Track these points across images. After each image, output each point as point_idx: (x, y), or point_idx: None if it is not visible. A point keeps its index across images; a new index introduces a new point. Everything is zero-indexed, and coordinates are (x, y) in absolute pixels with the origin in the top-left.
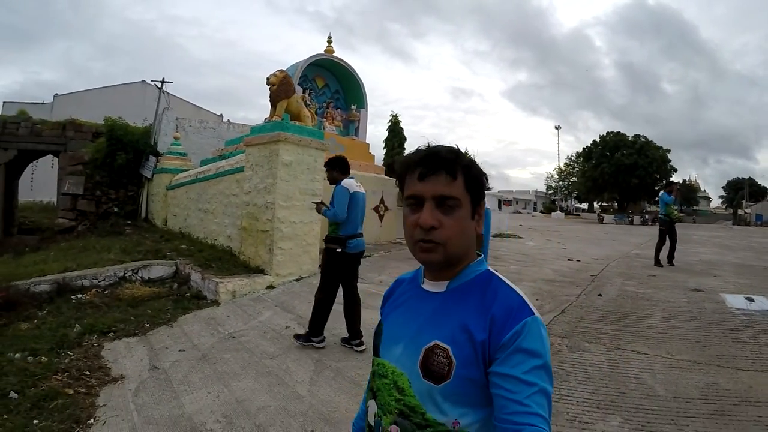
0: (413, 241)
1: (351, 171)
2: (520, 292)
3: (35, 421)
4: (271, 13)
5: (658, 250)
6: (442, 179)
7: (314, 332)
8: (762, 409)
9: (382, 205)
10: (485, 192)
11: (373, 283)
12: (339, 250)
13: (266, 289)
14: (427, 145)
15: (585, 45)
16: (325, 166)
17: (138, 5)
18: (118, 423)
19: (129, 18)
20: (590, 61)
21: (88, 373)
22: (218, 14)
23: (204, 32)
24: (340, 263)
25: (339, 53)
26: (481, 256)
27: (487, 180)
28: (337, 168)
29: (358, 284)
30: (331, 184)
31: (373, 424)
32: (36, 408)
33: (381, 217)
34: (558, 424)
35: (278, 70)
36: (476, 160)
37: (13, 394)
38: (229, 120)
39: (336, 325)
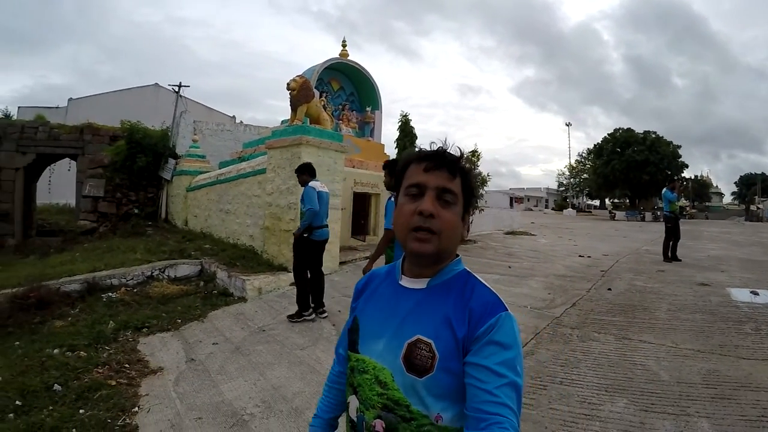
0: (409, 228)
1: (368, 171)
2: (494, 291)
3: (81, 411)
4: (274, 14)
5: (666, 246)
6: (444, 174)
7: (303, 308)
8: (760, 393)
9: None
10: (476, 201)
11: None
12: (306, 235)
13: (290, 285)
14: (430, 147)
15: (592, 39)
16: (296, 172)
17: (144, 8)
18: (163, 410)
19: (135, 20)
20: (598, 56)
21: (127, 366)
22: (224, 15)
23: (210, 33)
24: (307, 248)
25: (342, 51)
26: (459, 256)
27: (477, 188)
28: (306, 172)
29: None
30: (301, 186)
31: (355, 419)
32: (81, 399)
33: None
34: (569, 405)
35: (298, 76)
36: (486, 157)
37: (57, 387)
38: (242, 121)
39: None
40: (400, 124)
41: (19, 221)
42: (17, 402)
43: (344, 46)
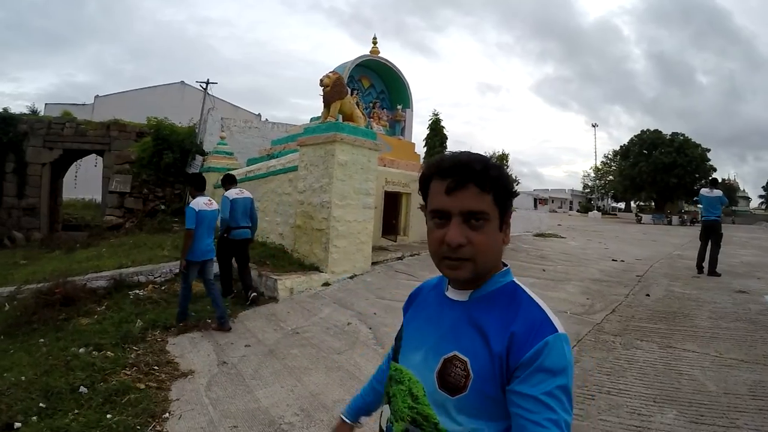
0: (439, 257)
1: (399, 170)
2: (544, 307)
3: (108, 416)
4: (288, 12)
5: (715, 258)
6: (470, 193)
7: (227, 293)
8: None
9: None
10: (512, 199)
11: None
12: (225, 235)
13: (322, 286)
14: (450, 152)
15: (612, 35)
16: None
17: (168, 7)
18: (195, 417)
19: (160, 20)
20: (619, 52)
21: (156, 368)
22: (247, 15)
23: (233, 33)
24: (227, 245)
25: (358, 50)
26: (506, 266)
27: (513, 187)
28: (228, 183)
29: (408, 281)
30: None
31: (384, 429)
32: (108, 402)
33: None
34: (620, 416)
35: (331, 72)
36: (508, 159)
37: (82, 389)
38: (267, 119)
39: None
40: (430, 122)
41: (45, 215)
42: (41, 404)
43: (375, 43)
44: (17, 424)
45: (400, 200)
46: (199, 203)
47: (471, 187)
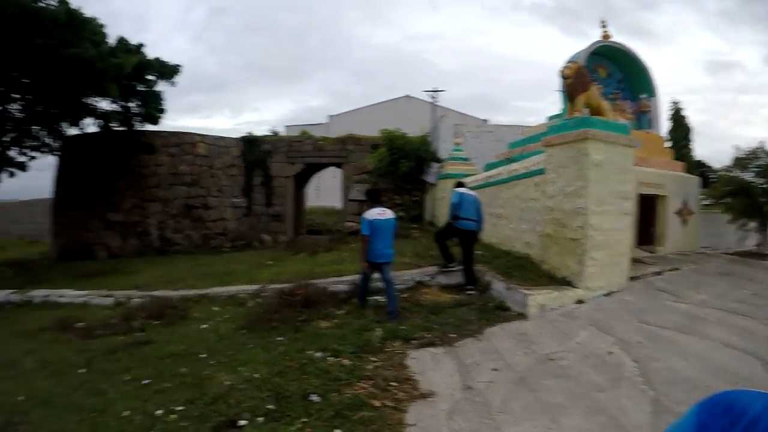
0: None
1: (651, 169)
2: None
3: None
4: (492, 17)
5: None
6: None
7: (448, 261)
8: None
9: (685, 208)
10: None
11: (693, 303)
12: (452, 221)
13: (575, 303)
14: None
15: None
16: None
17: (381, 30)
18: None
19: (376, 43)
20: None
21: (394, 384)
22: (456, 26)
23: (446, 45)
24: (452, 229)
25: (570, 43)
26: None
27: None
28: (458, 186)
29: (672, 303)
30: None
31: None
32: (339, 417)
33: (684, 222)
34: None
35: (571, 61)
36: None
37: (314, 397)
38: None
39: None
40: (672, 113)
41: (290, 221)
42: (270, 405)
43: (604, 26)
44: (242, 422)
45: (655, 204)
46: (372, 213)
47: None
